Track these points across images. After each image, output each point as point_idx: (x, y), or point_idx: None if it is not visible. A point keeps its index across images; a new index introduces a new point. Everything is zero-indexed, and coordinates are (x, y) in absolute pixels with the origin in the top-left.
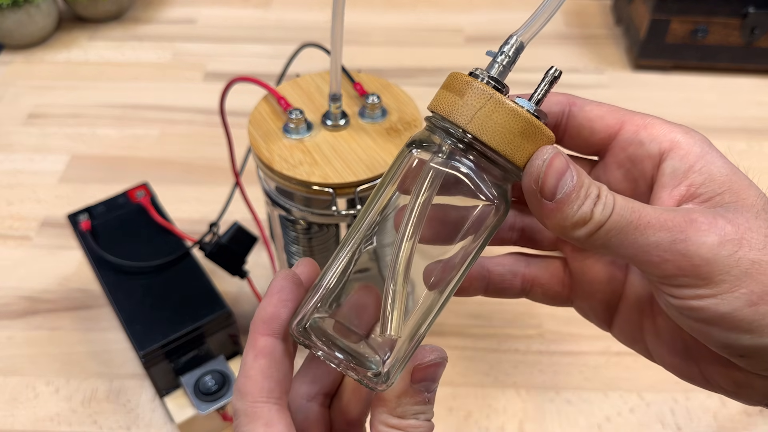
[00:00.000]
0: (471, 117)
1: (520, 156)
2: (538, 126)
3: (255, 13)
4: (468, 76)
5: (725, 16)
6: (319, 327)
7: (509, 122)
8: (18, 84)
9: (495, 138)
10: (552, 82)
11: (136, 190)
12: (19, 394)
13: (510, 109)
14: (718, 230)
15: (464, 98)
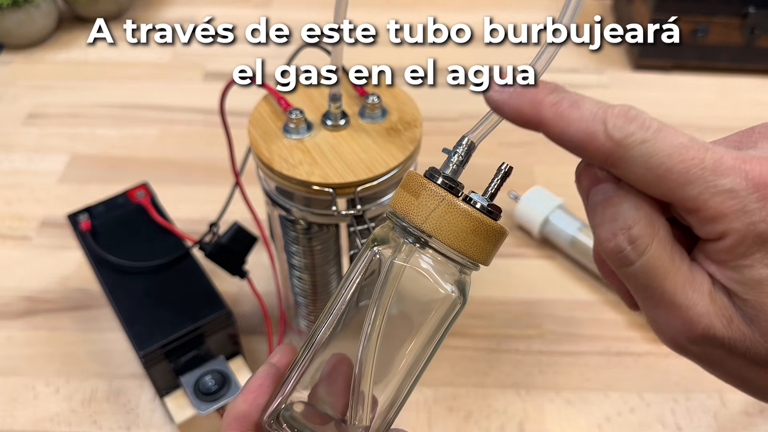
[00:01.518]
0: (426, 217)
1: (474, 251)
2: (488, 224)
3: (255, 13)
4: (423, 178)
5: (725, 16)
6: (291, 416)
7: (461, 222)
8: (18, 84)
9: (449, 236)
10: (504, 177)
11: (135, 190)
12: (18, 395)
13: (461, 210)
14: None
15: (419, 199)
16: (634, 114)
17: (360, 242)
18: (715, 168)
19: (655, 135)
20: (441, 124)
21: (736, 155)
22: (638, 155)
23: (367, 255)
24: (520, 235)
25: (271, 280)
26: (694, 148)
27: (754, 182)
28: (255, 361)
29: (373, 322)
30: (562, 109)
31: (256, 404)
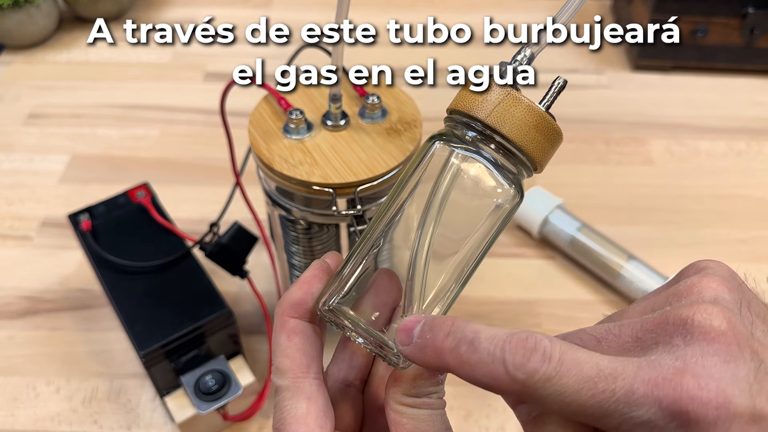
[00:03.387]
0: (490, 111)
1: (534, 148)
2: (550, 121)
3: (255, 13)
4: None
5: (725, 16)
6: (342, 311)
7: (525, 116)
8: (18, 84)
9: (512, 130)
10: (559, 91)
11: (136, 190)
12: (19, 394)
13: (526, 105)
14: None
15: (486, 94)
16: (532, 344)
17: None
18: (627, 399)
19: (559, 369)
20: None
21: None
22: (547, 394)
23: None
24: (520, 234)
25: (271, 280)
26: (602, 380)
27: (669, 411)
28: (255, 360)
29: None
30: (461, 354)
31: (310, 293)
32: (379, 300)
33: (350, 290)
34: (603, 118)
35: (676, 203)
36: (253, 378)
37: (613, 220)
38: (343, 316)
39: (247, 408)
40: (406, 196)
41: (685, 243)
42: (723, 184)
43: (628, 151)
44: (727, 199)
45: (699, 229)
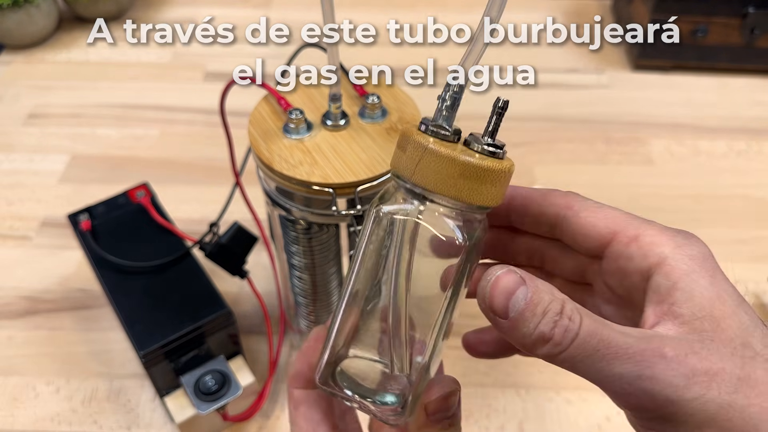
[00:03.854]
0: (413, 169)
1: (468, 195)
2: (476, 166)
3: (255, 13)
4: (411, 130)
5: (725, 16)
6: (341, 370)
7: (446, 169)
8: (18, 84)
9: (436, 184)
10: (500, 112)
11: (136, 190)
12: (19, 394)
13: (444, 157)
14: (687, 370)
15: (406, 153)
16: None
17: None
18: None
19: None
20: None
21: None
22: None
23: (372, 214)
24: None
25: (271, 280)
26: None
27: None
28: (255, 360)
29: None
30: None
31: (308, 363)
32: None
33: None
34: (603, 117)
35: (676, 203)
36: (252, 378)
37: None
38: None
39: (247, 408)
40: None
41: None
42: (723, 184)
43: (628, 150)
44: (727, 199)
45: (699, 228)
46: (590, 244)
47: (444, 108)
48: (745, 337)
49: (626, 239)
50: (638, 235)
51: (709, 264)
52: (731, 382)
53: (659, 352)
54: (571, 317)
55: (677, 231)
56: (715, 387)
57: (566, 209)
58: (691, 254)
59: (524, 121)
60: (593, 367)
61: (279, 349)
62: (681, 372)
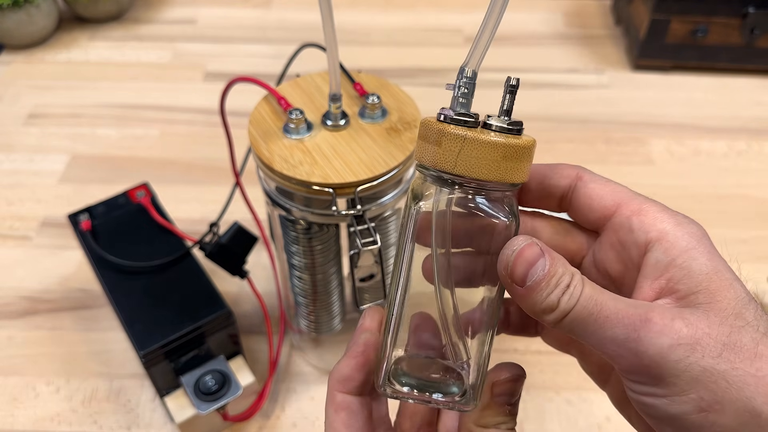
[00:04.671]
0: (455, 162)
1: (511, 175)
2: (514, 145)
3: (255, 13)
4: (437, 123)
5: (725, 16)
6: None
7: (489, 154)
8: (18, 84)
9: (482, 172)
10: (512, 91)
11: (136, 190)
12: (19, 394)
13: (485, 143)
14: (672, 333)
15: (443, 147)
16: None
17: (360, 242)
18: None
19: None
20: None
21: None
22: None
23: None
24: None
25: (271, 280)
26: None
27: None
28: (255, 360)
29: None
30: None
31: (357, 368)
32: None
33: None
34: (603, 118)
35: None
36: (252, 378)
37: None
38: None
39: (247, 408)
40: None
41: None
42: (723, 183)
43: (628, 151)
44: (728, 199)
45: None
46: (595, 215)
47: (461, 95)
48: (739, 309)
49: (629, 212)
50: (641, 209)
51: (706, 241)
52: (716, 347)
53: (645, 316)
54: (574, 288)
55: (678, 212)
56: (699, 350)
57: (576, 179)
58: (690, 231)
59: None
60: (588, 330)
61: (279, 349)
62: (666, 334)
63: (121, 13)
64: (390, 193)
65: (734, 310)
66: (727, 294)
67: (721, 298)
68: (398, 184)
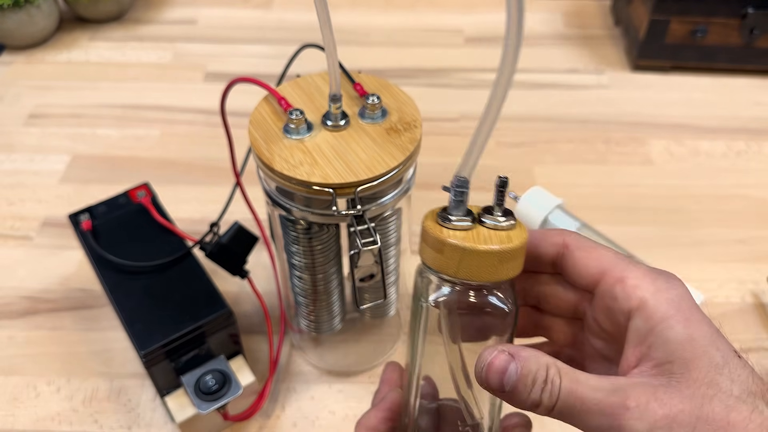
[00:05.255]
0: (457, 268)
1: (507, 273)
2: (511, 249)
3: (255, 14)
4: (439, 230)
5: (724, 17)
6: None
7: (487, 261)
8: (19, 84)
9: (482, 275)
10: (501, 188)
11: (137, 190)
12: (19, 394)
13: (483, 252)
14: (649, 417)
15: (444, 254)
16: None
17: (360, 242)
18: None
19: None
20: (441, 124)
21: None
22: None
23: (422, 312)
24: None
25: (271, 280)
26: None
27: None
28: (256, 360)
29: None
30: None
31: (383, 420)
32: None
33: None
34: (602, 118)
35: (675, 203)
36: (253, 378)
37: (613, 220)
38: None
39: (248, 408)
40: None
41: (684, 243)
42: (722, 184)
43: (627, 151)
44: (727, 199)
45: (698, 229)
46: (583, 282)
47: (456, 200)
48: (712, 376)
49: (612, 280)
50: (624, 277)
51: (685, 306)
52: (690, 421)
53: (623, 404)
54: (553, 381)
55: (659, 273)
56: (676, 428)
57: (562, 247)
58: (669, 298)
59: (524, 121)
60: (575, 420)
61: (279, 348)
62: (644, 420)
63: (122, 14)
64: (390, 193)
65: (706, 378)
66: (700, 363)
67: (694, 367)
68: (398, 184)
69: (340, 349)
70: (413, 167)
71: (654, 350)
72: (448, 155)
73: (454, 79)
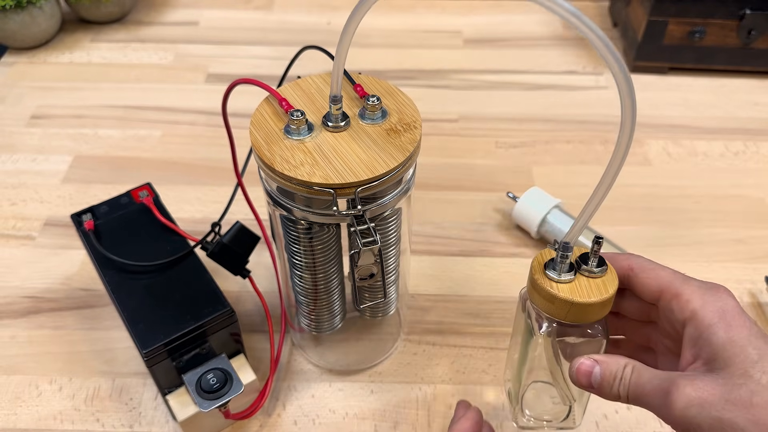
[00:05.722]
0: (565, 315)
1: (602, 314)
2: (607, 300)
3: (257, 15)
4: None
5: (722, 18)
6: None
7: (589, 309)
8: (21, 85)
9: (585, 319)
10: (596, 249)
11: (139, 190)
12: (22, 393)
13: (588, 305)
14: (684, 398)
15: (555, 305)
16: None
17: (360, 242)
18: None
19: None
20: (440, 125)
21: None
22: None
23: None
24: (519, 234)
25: (272, 280)
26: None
27: None
28: (257, 359)
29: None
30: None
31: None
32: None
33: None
34: (601, 119)
35: (673, 203)
36: (254, 376)
37: (611, 220)
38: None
39: (249, 406)
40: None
41: (682, 243)
42: (720, 184)
43: None
44: (725, 199)
45: (697, 229)
46: (647, 298)
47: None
48: (746, 369)
49: (669, 296)
50: (678, 293)
51: (729, 314)
52: (718, 403)
53: (669, 389)
54: (624, 377)
55: (708, 287)
56: (707, 407)
57: (628, 270)
58: (714, 309)
59: (523, 122)
60: (641, 403)
61: (280, 347)
62: (680, 400)
63: (124, 15)
64: (390, 194)
65: (740, 371)
66: (737, 359)
67: (731, 363)
68: (398, 185)
69: (341, 348)
70: (413, 167)
71: (703, 351)
72: (448, 156)
73: (453, 80)
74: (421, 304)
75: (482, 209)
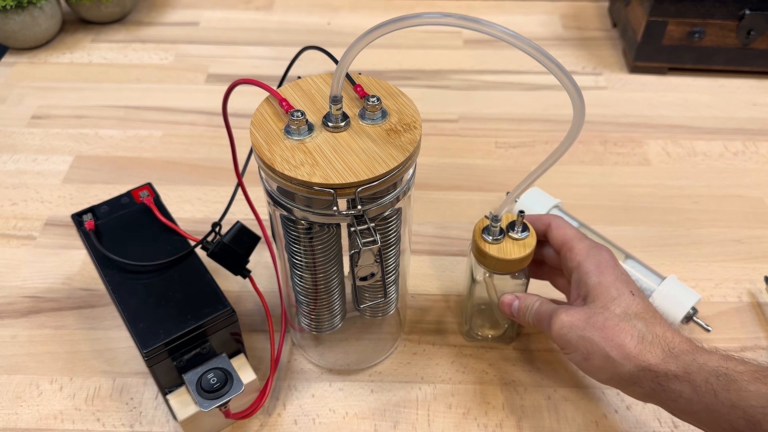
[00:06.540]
0: (494, 266)
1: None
2: (527, 256)
3: (257, 16)
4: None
5: (722, 18)
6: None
7: (512, 264)
8: (22, 85)
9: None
10: (520, 216)
11: (139, 190)
12: (23, 392)
13: (510, 260)
14: (559, 321)
15: (487, 258)
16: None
17: (360, 242)
18: None
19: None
20: (440, 125)
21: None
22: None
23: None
24: None
25: (273, 279)
26: None
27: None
28: (257, 358)
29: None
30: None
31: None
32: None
33: None
34: (600, 119)
35: (672, 203)
36: (254, 376)
37: (611, 220)
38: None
39: (249, 405)
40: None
41: (681, 243)
42: (719, 184)
43: (625, 151)
44: (724, 200)
45: (696, 229)
46: (555, 249)
47: (492, 226)
48: (606, 303)
49: (566, 249)
50: (571, 248)
51: (603, 265)
52: (582, 325)
53: (551, 315)
54: (530, 307)
55: (594, 245)
56: (574, 328)
57: (547, 226)
58: (593, 261)
59: (522, 122)
60: (539, 327)
61: (280, 347)
62: (556, 323)
63: (124, 16)
64: (390, 194)
65: (602, 304)
66: (601, 296)
67: (597, 298)
68: (398, 185)
69: (341, 348)
70: (413, 167)
71: (581, 290)
72: (448, 156)
73: (453, 81)
74: (421, 304)
75: (482, 209)
